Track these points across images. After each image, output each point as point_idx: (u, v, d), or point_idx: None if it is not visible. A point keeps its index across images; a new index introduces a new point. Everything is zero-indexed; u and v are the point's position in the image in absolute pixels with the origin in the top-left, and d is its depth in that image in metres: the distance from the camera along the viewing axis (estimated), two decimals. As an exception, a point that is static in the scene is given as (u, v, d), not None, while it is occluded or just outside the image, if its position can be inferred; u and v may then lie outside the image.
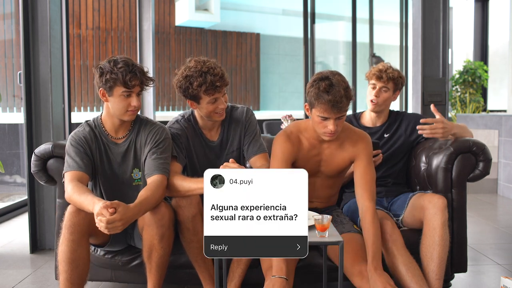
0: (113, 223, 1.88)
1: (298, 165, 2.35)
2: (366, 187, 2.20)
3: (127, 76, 2.12)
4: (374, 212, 2.14)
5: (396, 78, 2.63)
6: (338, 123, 2.13)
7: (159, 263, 2.14)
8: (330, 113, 2.09)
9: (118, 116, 2.23)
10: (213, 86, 2.24)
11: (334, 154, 2.31)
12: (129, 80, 2.13)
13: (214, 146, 2.46)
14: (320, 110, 2.10)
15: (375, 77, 2.63)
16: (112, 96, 2.18)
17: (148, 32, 5.51)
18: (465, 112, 7.65)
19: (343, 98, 2.06)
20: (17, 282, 2.77)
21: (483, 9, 8.62)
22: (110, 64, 2.15)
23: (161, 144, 2.24)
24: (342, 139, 2.29)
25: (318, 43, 7.27)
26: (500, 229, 3.85)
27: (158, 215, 2.10)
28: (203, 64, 2.25)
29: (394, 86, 2.64)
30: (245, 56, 11.63)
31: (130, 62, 2.16)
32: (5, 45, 5.95)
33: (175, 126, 2.40)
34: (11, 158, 5.45)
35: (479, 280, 2.78)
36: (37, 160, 2.42)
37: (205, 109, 2.32)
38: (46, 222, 3.39)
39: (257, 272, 2.25)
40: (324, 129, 2.14)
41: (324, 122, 2.13)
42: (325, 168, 2.35)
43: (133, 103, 2.18)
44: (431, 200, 2.25)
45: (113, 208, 1.89)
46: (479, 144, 2.46)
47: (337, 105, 2.06)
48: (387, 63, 2.69)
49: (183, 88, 2.29)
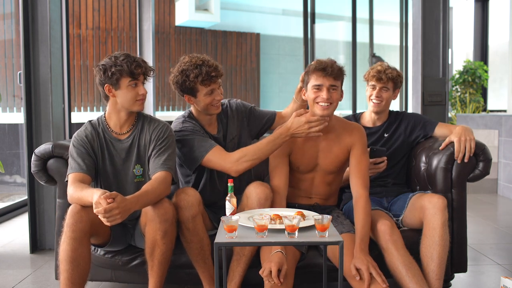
0: (110, 212, 1.89)
1: (295, 157, 2.38)
2: (360, 175, 2.31)
3: (132, 65, 2.18)
4: (367, 199, 2.25)
5: (395, 77, 2.64)
6: (331, 94, 2.24)
7: (161, 259, 2.14)
8: (322, 79, 2.23)
9: (128, 108, 2.25)
10: (209, 76, 2.31)
11: (331, 146, 2.36)
12: (135, 68, 2.18)
13: (218, 138, 2.48)
14: (313, 78, 2.25)
15: (375, 79, 2.63)
16: (119, 89, 2.21)
17: (148, 32, 5.51)
18: (465, 112, 7.65)
19: (334, 65, 2.24)
20: (17, 282, 2.77)
21: (483, 9, 8.62)
22: (111, 59, 2.21)
23: (164, 141, 2.26)
24: (338, 130, 2.38)
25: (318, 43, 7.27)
26: (500, 229, 3.85)
27: (161, 210, 2.10)
28: (197, 58, 2.35)
29: (393, 85, 2.65)
30: (245, 56, 11.63)
31: (131, 55, 2.23)
32: (5, 45, 5.95)
33: (187, 125, 2.41)
34: (11, 158, 5.46)
35: (479, 280, 2.78)
36: (37, 160, 2.42)
37: (202, 102, 2.36)
38: (46, 222, 3.39)
39: (257, 272, 2.25)
40: (318, 98, 2.25)
41: (318, 91, 2.24)
42: (323, 161, 2.37)
43: (141, 92, 2.23)
44: (431, 200, 2.26)
45: (111, 198, 1.90)
46: (479, 144, 2.46)
47: (328, 68, 2.21)
48: (385, 63, 2.69)
49: (179, 83, 2.35)
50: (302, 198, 2.47)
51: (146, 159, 2.29)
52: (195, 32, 11.00)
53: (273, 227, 1.84)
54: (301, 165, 2.40)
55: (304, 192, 2.46)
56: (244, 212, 2.08)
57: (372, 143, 2.66)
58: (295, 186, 2.46)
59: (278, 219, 1.90)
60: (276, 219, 1.91)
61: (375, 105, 2.65)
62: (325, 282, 2.07)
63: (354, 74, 7.38)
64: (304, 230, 1.83)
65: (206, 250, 2.26)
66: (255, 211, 2.09)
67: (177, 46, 10.75)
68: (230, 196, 2.07)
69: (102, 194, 1.91)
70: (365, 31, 7.73)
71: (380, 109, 2.67)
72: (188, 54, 2.42)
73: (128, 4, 9.83)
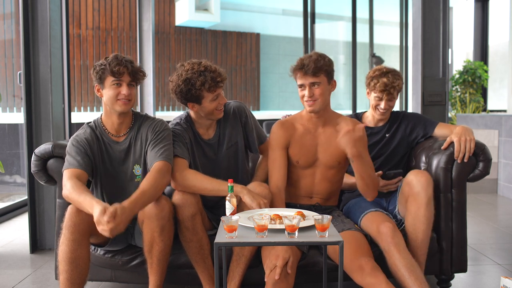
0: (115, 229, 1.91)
1: (293, 150, 2.39)
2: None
3: (116, 66, 2.19)
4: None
5: (400, 87, 2.60)
6: (314, 91, 2.28)
7: (160, 257, 2.15)
8: (303, 78, 2.28)
9: (111, 107, 2.25)
10: (215, 82, 2.30)
11: (330, 139, 2.38)
12: (116, 67, 2.19)
13: (212, 144, 2.47)
14: (297, 78, 2.31)
15: (386, 94, 2.57)
16: (105, 88, 2.23)
17: (148, 32, 5.52)
18: (465, 112, 7.65)
19: (310, 62, 2.25)
20: (17, 282, 2.77)
21: (483, 9, 8.62)
22: (104, 59, 2.25)
23: (160, 134, 2.27)
24: (336, 124, 2.40)
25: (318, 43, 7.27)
26: (500, 229, 3.85)
27: (158, 208, 2.11)
28: (198, 64, 2.32)
29: (398, 93, 2.64)
30: (245, 56, 11.63)
31: (120, 55, 2.24)
32: (5, 45, 5.95)
33: (178, 128, 2.41)
34: (11, 158, 5.46)
35: (479, 280, 2.78)
36: (37, 160, 2.42)
37: (207, 108, 2.34)
38: (46, 222, 3.39)
39: (257, 272, 2.25)
40: (304, 97, 2.31)
41: (302, 91, 2.31)
42: (322, 155, 2.38)
43: (123, 92, 2.22)
44: (414, 177, 2.30)
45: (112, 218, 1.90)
46: (479, 144, 2.46)
47: (305, 68, 2.24)
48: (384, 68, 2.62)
49: (184, 92, 2.31)
50: (303, 198, 2.47)
51: (144, 155, 2.30)
52: (195, 32, 11.00)
53: (273, 227, 1.84)
54: (300, 159, 2.40)
55: (305, 192, 2.45)
56: (244, 212, 2.08)
57: (373, 144, 2.66)
58: (296, 184, 2.45)
59: (278, 219, 1.90)
60: (276, 219, 1.91)
61: (382, 113, 2.64)
62: (325, 282, 2.07)
63: (354, 74, 7.38)
64: (304, 230, 1.83)
65: (206, 250, 2.26)
66: (255, 211, 2.09)
67: (177, 46, 10.75)
68: (230, 196, 2.07)
69: (102, 212, 1.90)
70: (365, 31, 7.73)
71: (386, 116, 2.68)
72: (184, 59, 2.41)
73: (128, 4, 9.83)
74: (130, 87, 2.24)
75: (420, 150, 2.65)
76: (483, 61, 8.37)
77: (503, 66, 8.49)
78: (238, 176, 2.49)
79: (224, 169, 2.47)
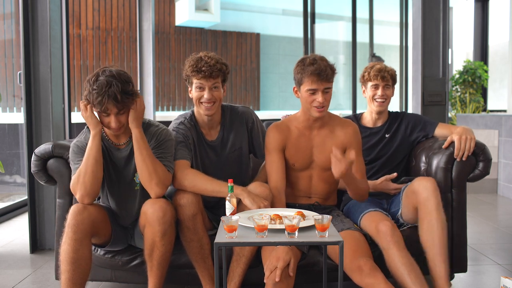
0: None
1: (289, 153, 2.39)
2: (360, 175, 2.35)
3: (97, 98, 2.04)
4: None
5: (394, 74, 2.70)
6: (326, 97, 2.26)
7: (161, 261, 2.14)
8: (317, 83, 2.23)
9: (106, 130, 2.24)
10: (198, 69, 2.29)
11: (325, 141, 2.38)
12: (98, 100, 2.05)
13: (215, 146, 2.47)
14: (308, 82, 2.24)
15: (379, 78, 2.63)
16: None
17: (148, 32, 5.52)
18: (465, 112, 7.65)
19: (327, 68, 2.23)
20: (17, 282, 2.77)
21: (483, 9, 8.62)
22: (92, 80, 2.08)
23: (163, 144, 2.25)
24: (331, 126, 2.40)
25: (318, 43, 7.27)
26: (500, 229, 3.85)
27: (160, 212, 2.10)
28: (206, 53, 2.36)
29: (392, 81, 2.68)
30: (245, 56, 11.63)
31: (109, 82, 2.03)
32: (5, 45, 5.95)
33: (181, 127, 2.40)
34: (11, 158, 5.45)
35: (479, 280, 2.78)
36: (37, 160, 2.42)
37: (193, 95, 2.38)
38: (46, 222, 3.39)
39: (257, 272, 2.25)
40: (313, 102, 2.26)
41: (312, 95, 2.25)
42: (318, 157, 2.38)
43: (112, 125, 2.13)
44: (420, 183, 2.28)
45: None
46: (479, 144, 2.46)
47: (322, 73, 2.21)
48: (378, 63, 2.72)
49: (184, 69, 2.38)
50: (302, 198, 2.47)
51: None
52: (195, 32, 11.00)
53: (273, 227, 1.84)
54: (297, 162, 2.40)
55: (303, 192, 2.46)
56: (244, 212, 2.08)
57: (373, 144, 2.66)
58: (294, 186, 2.45)
59: (278, 219, 1.90)
60: (276, 219, 1.91)
61: (379, 104, 2.65)
62: (325, 282, 2.07)
63: (354, 74, 7.38)
64: (304, 230, 1.83)
65: (206, 250, 2.26)
66: (255, 211, 2.09)
67: (177, 46, 10.74)
68: (230, 196, 2.07)
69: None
70: (365, 31, 7.73)
71: (384, 108, 2.68)
72: (184, 59, 2.43)
73: (128, 4, 9.83)
74: (120, 116, 2.12)
75: (420, 150, 2.65)
76: (483, 61, 8.37)
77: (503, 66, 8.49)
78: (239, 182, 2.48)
79: (225, 172, 2.44)
